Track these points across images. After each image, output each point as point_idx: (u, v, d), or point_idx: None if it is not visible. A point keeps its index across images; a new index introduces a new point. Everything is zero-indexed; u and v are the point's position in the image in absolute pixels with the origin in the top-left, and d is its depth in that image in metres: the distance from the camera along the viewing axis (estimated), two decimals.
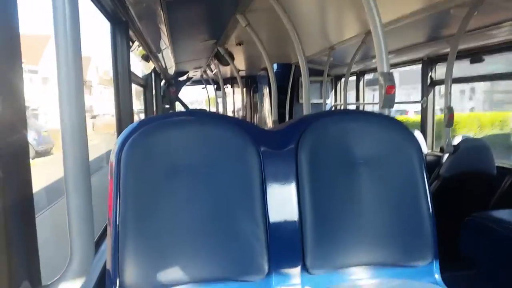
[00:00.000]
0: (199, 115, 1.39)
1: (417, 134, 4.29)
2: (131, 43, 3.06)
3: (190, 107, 10.37)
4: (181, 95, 9.01)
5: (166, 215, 1.24)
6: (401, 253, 1.37)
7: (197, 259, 1.24)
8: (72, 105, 0.97)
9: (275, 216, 1.33)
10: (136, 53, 3.85)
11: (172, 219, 1.24)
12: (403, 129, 1.45)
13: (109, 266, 1.22)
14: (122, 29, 2.61)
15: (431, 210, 1.38)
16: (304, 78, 3.38)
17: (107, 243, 1.23)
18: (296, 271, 1.34)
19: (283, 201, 1.35)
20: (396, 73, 4.23)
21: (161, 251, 1.22)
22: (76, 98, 0.97)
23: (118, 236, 1.20)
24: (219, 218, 1.27)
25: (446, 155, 3.44)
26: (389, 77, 1.92)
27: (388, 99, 1.92)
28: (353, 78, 6.72)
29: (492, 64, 4.02)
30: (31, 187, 1.03)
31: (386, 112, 1.96)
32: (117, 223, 1.20)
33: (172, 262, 1.22)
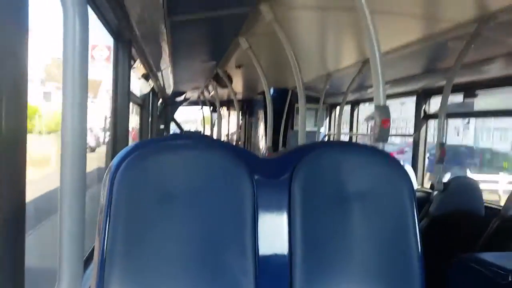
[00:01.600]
0: (195, 139, 1.38)
1: (408, 168, 4.28)
2: (132, 62, 3.08)
3: (184, 127, 10.35)
4: (176, 115, 9.01)
5: (154, 245, 1.21)
6: None
7: None
8: (75, 135, 0.98)
9: (265, 249, 1.32)
10: (136, 71, 3.88)
11: (160, 249, 1.22)
12: (396, 164, 1.46)
13: None
14: (125, 46, 2.63)
15: (420, 250, 1.37)
16: (301, 106, 3.31)
17: (93, 269, 1.20)
18: None
19: (274, 233, 1.34)
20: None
21: (147, 283, 1.19)
22: (79, 126, 0.98)
23: (104, 263, 1.17)
24: (208, 249, 1.25)
25: (436, 192, 3.43)
26: (384, 110, 1.93)
27: (383, 133, 1.93)
28: (347, 107, 6.75)
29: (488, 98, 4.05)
30: (24, 208, 1.02)
31: (380, 146, 1.96)
32: (104, 250, 1.17)
33: None
